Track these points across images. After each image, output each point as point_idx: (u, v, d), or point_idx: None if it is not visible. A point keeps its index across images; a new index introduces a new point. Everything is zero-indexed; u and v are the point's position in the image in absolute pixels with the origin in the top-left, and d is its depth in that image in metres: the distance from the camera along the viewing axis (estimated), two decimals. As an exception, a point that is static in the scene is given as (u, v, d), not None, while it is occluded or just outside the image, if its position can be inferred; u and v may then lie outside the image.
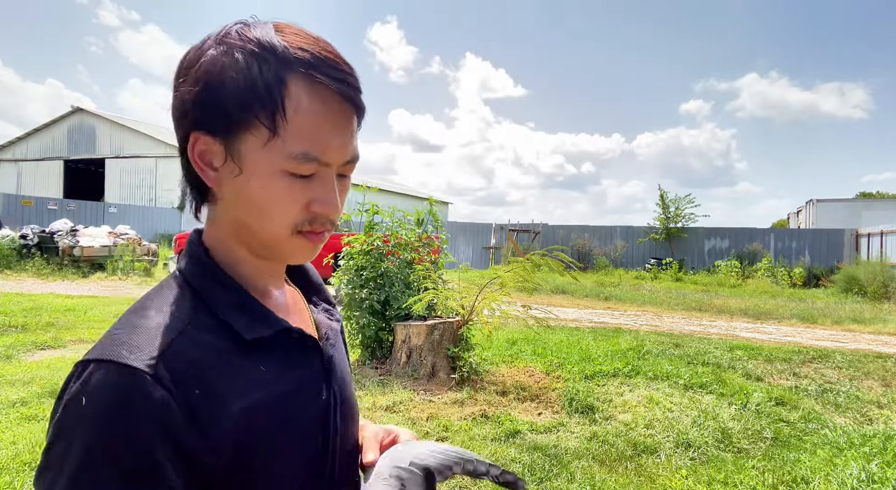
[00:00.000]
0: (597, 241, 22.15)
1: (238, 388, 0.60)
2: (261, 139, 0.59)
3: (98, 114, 26.87)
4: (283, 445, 0.62)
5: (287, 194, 0.61)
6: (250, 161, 0.60)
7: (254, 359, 0.63)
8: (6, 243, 14.22)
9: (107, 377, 0.53)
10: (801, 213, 31.51)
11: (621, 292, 13.82)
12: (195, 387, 0.56)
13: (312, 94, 0.59)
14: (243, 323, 0.63)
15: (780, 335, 8.44)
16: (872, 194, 44.78)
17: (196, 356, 0.58)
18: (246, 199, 0.62)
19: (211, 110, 0.60)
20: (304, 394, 0.67)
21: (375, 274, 5.52)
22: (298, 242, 0.65)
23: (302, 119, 0.59)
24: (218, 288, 0.65)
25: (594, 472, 3.24)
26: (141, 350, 0.56)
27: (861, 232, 18.62)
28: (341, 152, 0.63)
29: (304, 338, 0.69)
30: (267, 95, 0.58)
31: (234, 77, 0.58)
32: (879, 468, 3.19)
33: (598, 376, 5.29)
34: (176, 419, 0.54)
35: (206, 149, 0.62)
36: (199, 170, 0.63)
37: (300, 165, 0.60)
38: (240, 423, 0.58)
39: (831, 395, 4.96)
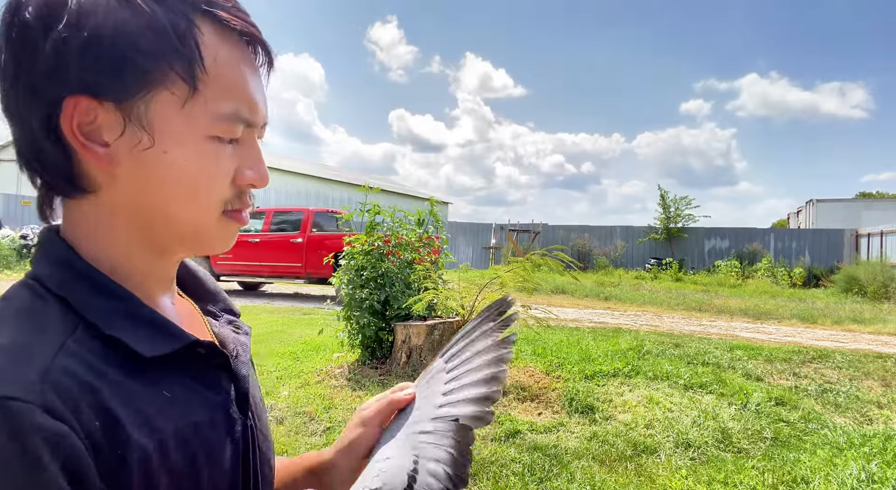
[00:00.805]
0: (597, 241, 22.16)
1: (141, 419, 0.46)
2: (179, 98, 0.47)
3: (98, 114, 26.90)
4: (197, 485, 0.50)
5: (217, 166, 0.50)
6: (166, 128, 0.48)
7: (155, 382, 0.49)
8: (6, 243, 14.23)
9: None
10: (801, 213, 31.53)
11: (621, 292, 13.83)
12: (95, 418, 0.42)
13: (224, 40, 0.49)
14: (139, 336, 0.49)
15: (780, 335, 8.44)
16: (872, 194, 44.80)
17: (85, 377, 0.44)
18: (162, 178, 0.49)
19: (104, 66, 0.45)
20: (219, 423, 0.53)
21: (376, 274, 5.52)
22: (226, 226, 0.54)
23: (223, 70, 0.49)
24: (96, 295, 0.49)
25: (594, 472, 3.24)
26: (13, 374, 0.40)
27: (861, 232, 18.64)
28: (264, 111, 0.54)
29: (214, 354, 0.55)
30: (180, 41, 0.46)
31: (133, 20, 0.45)
32: (879, 468, 3.19)
33: (598, 376, 5.29)
34: (83, 461, 0.40)
35: (87, 119, 0.47)
36: (80, 146, 0.47)
37: (231, 128, 0.50)
38: (149, 465, 0.45)
39: (831, 395, 4.96)
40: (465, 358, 0.67)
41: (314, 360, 5.69)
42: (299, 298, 11.99)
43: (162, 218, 0.51)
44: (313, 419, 3.97)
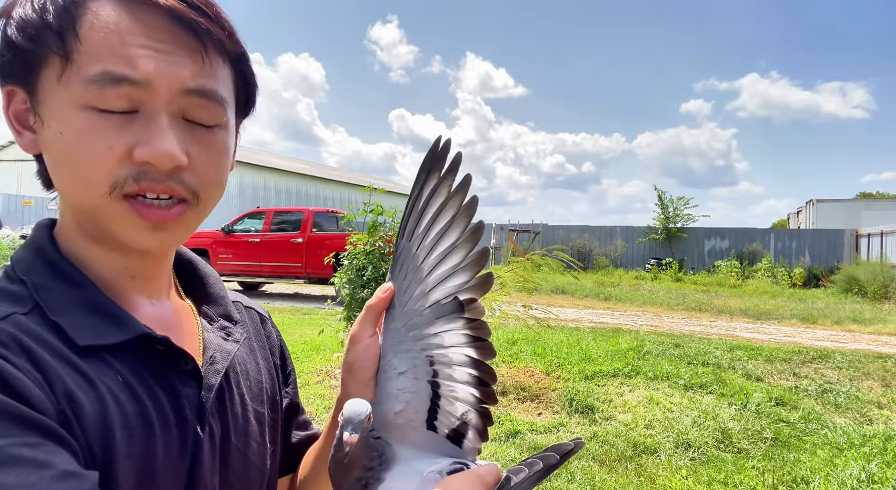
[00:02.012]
0: (597, 241, 22.15)
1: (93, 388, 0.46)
2: (55, 72, 0.46)
3: (98, 114, 26.91)
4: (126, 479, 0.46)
5: (92, 136, 0.46)
6: (49, 104, 0.47)
7: (97, 365, 0.47)
8: (6, 243, 14.22)
9: None
10: (802, 214, 31.53)
11: (621, 292, 13.83)
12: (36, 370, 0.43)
13: (120, 7, 0.47)
14: (80, 324, 0.48)
15: (780, 335, 8.44)
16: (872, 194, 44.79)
17: (28, 341, 0.44)
18: (53, 156, 0.48)
19: (10, 52, 0.47)
20: (163, 424, 0.50)
21: (377, 274, 5.52)
22: (123, 212, 0.48)
23: (99, 34, 0.46)
24: (56, 281, 0.49)
25: (594, 472, 3.24)
26: None
27: (861, 232, 18.63)
28: (166, 67, 0.47)
29: (175, 354, 0.52)
30: (56, 17, 0.46)
31: (21, 6, 0.47)
32: (879, 468, 3.19)
33: (598, 376, 5.29)
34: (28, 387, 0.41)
35: (21, 107, 0.49)
36: (15, 134, 0.50)
37: (103, 92, 0.45)
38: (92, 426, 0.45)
39: (831, 396, 4.96)
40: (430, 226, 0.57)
41: (314, 360, 5.69)
42: (299, 298, 11.99)
43: (69, 202, 0.50)
44: (314, 419, 3.97)
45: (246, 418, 0.60)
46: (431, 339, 0.56)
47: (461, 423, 0.58)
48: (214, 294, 0.65)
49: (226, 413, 0.57)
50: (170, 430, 0.50)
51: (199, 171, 0.50)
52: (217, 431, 0.55)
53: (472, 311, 0.55)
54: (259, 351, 0.68)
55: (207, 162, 0.51)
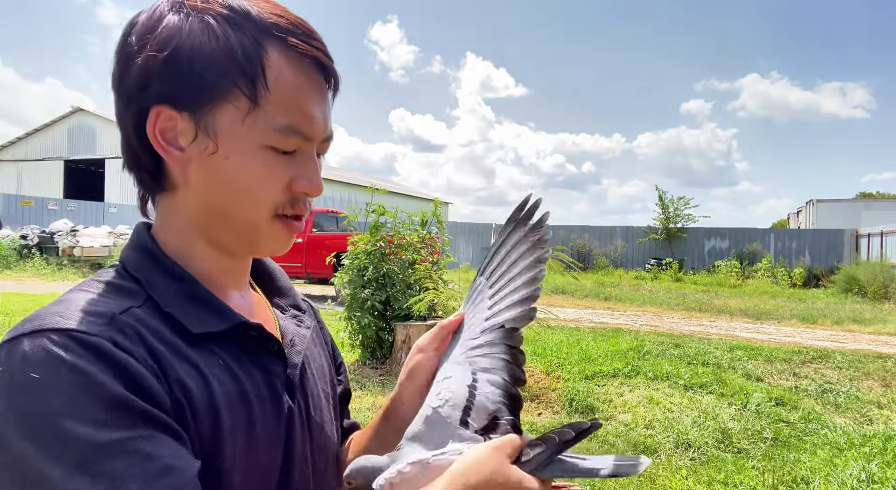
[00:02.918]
0: (597, 241, 22.15)
1: (195, 372, 0.53)
2: (241, 111, 0.54)
3: (98, 114, 26.87)
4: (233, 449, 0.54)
5: (269, 172, 0.56)
6: (228, 136, 0.55)
7: (203, 353, 0.55)
8: (6, 243, 14.23)
9: (46, 346, 0.45)
10: (802, 214, 31.53)
11: (621, 292, 13.83)
12: (153, 360, 0.50)
13: (290, 62, 0.55)
14: (190, 314, 0.56)
15: (780, 335, 8.44)
16: (872, 194, 44.79)
17: (146, 333, 0.51)
18: (222, 181, 0.56)
19: (180, 81, 0.53)
20: (265, 399, 0.59)
21: (377, 274, 5.52)
22: (277, 229, 0.59)
23: (284, 89, 0.55)
24: (165, 278, 0.57)
25: (594, 473, 3.24)
26: (81, 317, 0.48)
27: (861, 232, 18.63)
28: (323, 127, 0.59)
29: (265, 339, 0.61)
30: (247, 62, 0.53)
31: (207, 43, 0.53)
32: (879, 468, 3.20)
33: (598, 376, 5.29)
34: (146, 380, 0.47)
35: (169, 125, 0.55)
36: (160, 149, 0.55)
37: (284, 139, 0.56)
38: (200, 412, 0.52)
39: (831, 396, 4.96)
40: (503, 270, 0.70)
41: (314, 360, 5.69)
42: (299, 298, 11.99)
43: (221, 216, 0.58)
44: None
45: (319, 396, 0.69)
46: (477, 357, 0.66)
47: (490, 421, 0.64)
48: (283, 287, 0.76)
49: (306, 389, 0.66)
50: (265, 403, 0.58)
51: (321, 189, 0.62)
52: (303, 405, 0.64)
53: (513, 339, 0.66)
54: (318, 337, 0.78)
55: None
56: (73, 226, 15.24)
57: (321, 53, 0.57)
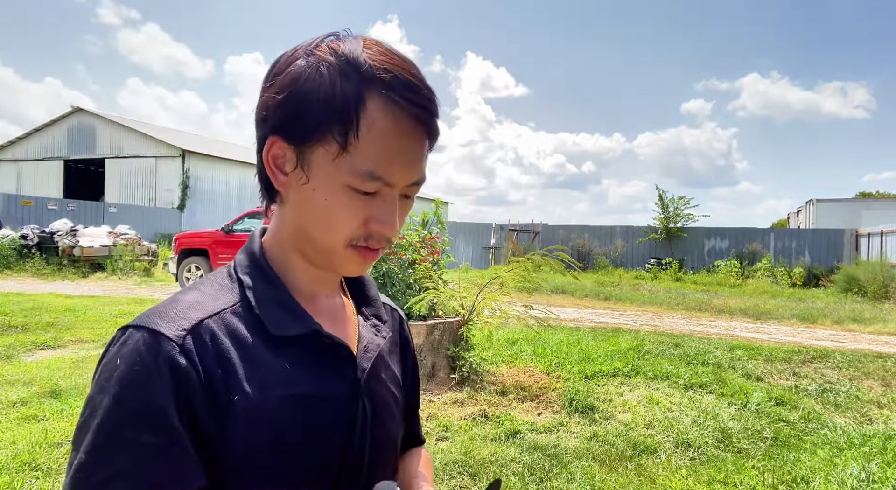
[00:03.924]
0: (597, 241, 22.15)
1: (259, 379, 0.61)
2: (331, 153, 0.61)
3: (98, 114, 26.87)
4: (297, 447, 0.62)
5: (348, 209, 0.62)
6: (318, 172, 0.62)
7: (280, 355, 0.64)
8: (6, 243, 14.22)
9: (139, 341, 0.57)
10: (801, 213, 31.53)
11: (621, 292, 13.82)
12: (219, 366, 0.59)
13: (387, 115, 0.60)
14: (273, 318, 0.65)
15: (780, 335, 8.44)
16: (872, 194, 44.78)
17: (224, 338, 0.61)
18: (309, 208, 0.64)
19: (290, 118, 0.61)
20: (328, 400, 0.66)
21: (377, 274, 5.52)
22: (351, 256, 0.66)
23: (373, 138, 0.60)
24: (261, 282, 0.67)
25: (594, 472, 3.24)
26: (173, 321, 0.60)
27: (861, 232, 18.63)
28: (407, 174, 0.63)
29: (336, 345, 0.68)
30: (343, 112, 0.59)
31: (315, 90, 0.60)
32: (879, 468, 3.20)
33: (598, 376, 5.29)
34: (196, 393, 0.57)
35: (279, 153, 0.64)
36: (269, 172, 0.65)
37: (364, 183, 0.61)
38: (256, 415, 0.59)
39: (831, 395, 4.96)
40: None
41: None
42: (299, 298, 11.98)
43: (306, 236, 0.67)
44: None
45: (387, 401, 0.74)
46: None
47: None
48: (371, 296, 0.83)
49: (374, 394, 0.71)
50: (330, 401, 0.66)
51: (397, 231, 0.66)
52: (368, 408, 0.69)
53: None
54: (397, 347, 0.84)
55: (402, 224, 0.68)
56: (73, 226, 15.23)
57: (420, 109, 0.61)
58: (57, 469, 3.03)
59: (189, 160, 25.54)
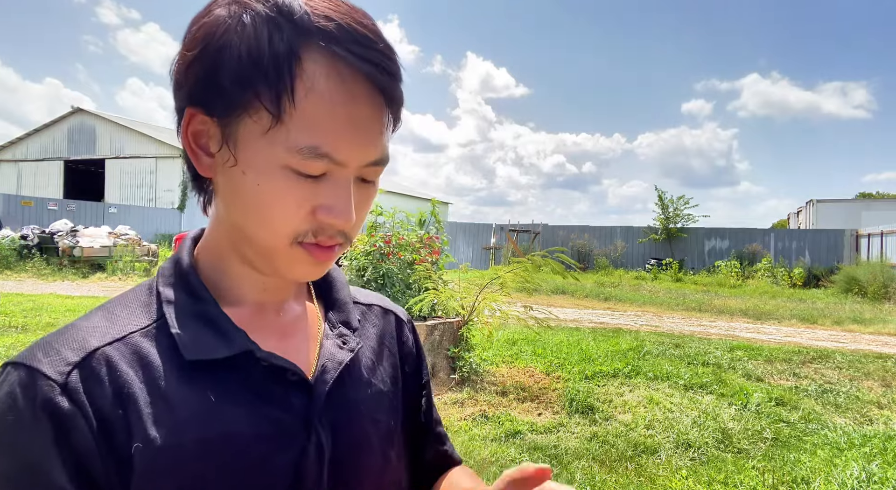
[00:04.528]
0: (597, 242, 22.15)
1: (171, 419, 0.48)
2: (261, 125, 0.48)
3: (98, 114, 26.89)
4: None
5: (287, 196, 0.49)
6: (247, 150, 0.49)
7: (202, 386, 0.51)
8: (6, 243, 14.22)
9: (14, 383, 0.46)
10: (802, 214, 31.53)
11: (621, 292, 13.82)
12: (119, 406, 0.47)
13: (331, 75, 0.47)
14: (192, 340, 0.52)
15: (780, 335, 8.44)
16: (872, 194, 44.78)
17: (126, 369, 0.49)
18: (240, 197, 0.51)
19: (206, 83, 0.48)
20: (265, 440, 0.52)
21: (377, 274, 5.52)
22: (298, 256, 0.52)
23: (314, 104, 0.47)
24: (183, 295, 0.55)
25: (594, 473, 3.24)
26: (58, 353, 0.48)
27: (861, 232, 18.63)
28: (361, 151, 0.50)
29: (278, 368, 0.54)
30: (273, 72, 0.46)
31: (236, 44, 0.47)
32: (880, 468, 3.20)
33: (598, 376, 5.29)
34: (85, 442, 0.45)
35: (201, 129, 0.51)
36: (191, 153, 0.52)
37: (306, 162, 0.48)
38: (164, 466, 0.47)
39: (831, 396, 4.96)
40: None
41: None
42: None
43: (241, 233, 0.54)
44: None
45: (363, 430, 0.59)
46: None
47: None
48: (339, 299, 0.66)
49: (337, 424, 0.57)
50: (269, 441, 0.52)
51: (357, 222, 0.53)
52: (326, 440, 0.55)
53: None
54: (387, 358, 0.68)
55: (362, 213, 0.54)
56: (73, 226, 15.24)
57: (374, 67, 0.48)
58: (57, 469, 3.04)
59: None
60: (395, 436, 0.64)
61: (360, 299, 0.70)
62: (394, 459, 0.63)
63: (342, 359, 0.60)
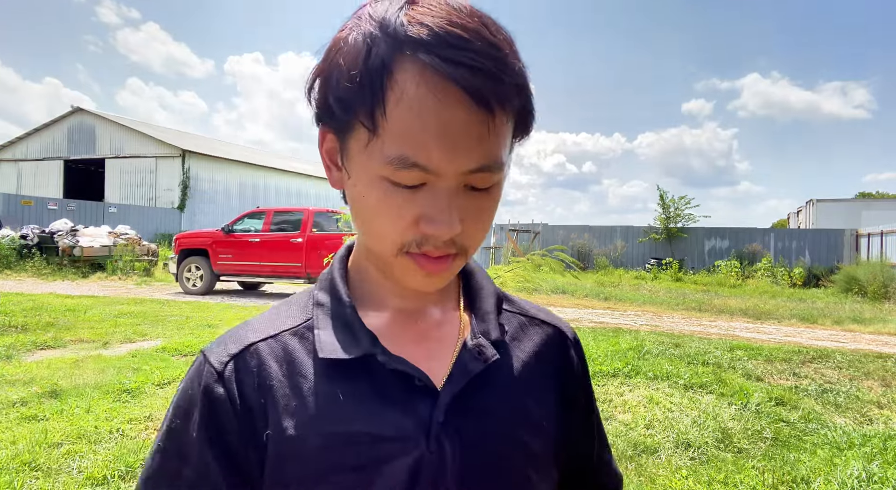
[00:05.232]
0: (597, 241, 22.15)
1: (302, 412, 0.53)
2: (363, 139, 0.50)
3: (98, 114, 26.88)
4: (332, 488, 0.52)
5: (387, 206, 0.50)
6: (355, 164, 0.52)
7: (335, 384, 0.54)
8: (6, 243, 14.22)
9: (198, 364, 0.57)
10: (802, 213, 31.54)
11: (621, 292, 13.82)
12: (260, 395, 0.54)
13: (421, 83, 0.46)
14: (328, 340, 0.56)
15: (780, 335, 8.44)
16: (872, 194, 44.76)
17: (272, 364, 0.56)
18: (355, 208, 0.54)
19: (323, 103, 0.52)
20: (387, 441, 0.53)
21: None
22: (407, 265, 0.53)
23: (403, 115, 0.47)
24: (329, 298, 0.60)
25: (594, 472, 3.24)
26: (225, 346, 0.57)
27: (861, 232, 18.63)
28: (456, 158, 0.48)
29: (403, 373, 0.55)
30: (368, 88, 0.47)
31: (341, 65, 0.49)
32: (880, 468, 3.19)
33: (598, 376, 5.28)
34: (230, 426, 0.53)
35: (332, 146, 0.55)
36: (325, 168, 0.57)
37: (399, 173, 0.48)
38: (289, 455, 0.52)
39: (831, 395, 4.96)
40: None
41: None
42: (299, 298, 11.97)
43: (364, 242, 0.58)
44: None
45: (495, 442, 0.58)
46: None
47: None
48: (482, 309, 0.64)
49: (465, 432, 0.56)
50: (389, 443, 0.53)
51: (470, 232, 0.53)
52: (451, 449, 0.54)
53: None
54: (541, 375, 0.64)
55: (477, 223, 0.53)
56: (73, 226, 15.24)
57: (469, 70, 0.45)
58: (57, 469, 3.03)
59: (189, 160, 25.54)
60: (543, 457, 0.61)
61: (522, 311, 0.68)
62: (535, 481, 0.60)
63: (473, 369, 0.58)
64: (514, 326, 0.65)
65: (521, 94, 0.50)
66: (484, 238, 0.56)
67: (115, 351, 6.03)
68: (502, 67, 0.47)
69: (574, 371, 0.68)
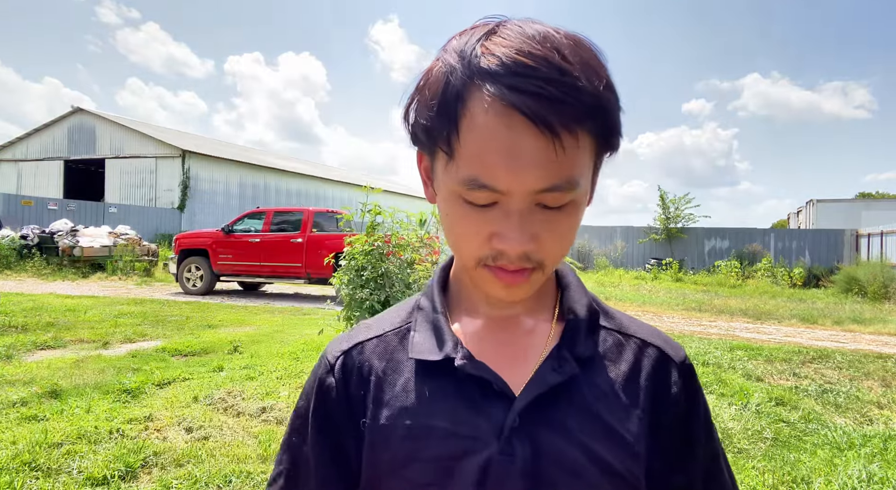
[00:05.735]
0: (597, 242, 22.15)
1: (393, 405, 0.61)
2: (443, 161, 0.55)
3: (98, 114, 26.87)
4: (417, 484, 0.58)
5: (465, 223, 0.55)
6: (440, 182, 0.57)
7: (424, 382, 0.61)
8: (6, 243, 14.22)
9: (318, 360, 0.67)
10: (802, 214, 31.53)
11: (621, 292, 13.82)
12: (361, 387, 0.63)
13: (489, 111, 0.50)
14: (419, 341, 0.63)
15: (780, 335, 8.43)
16: (872, 194, 44.76)
17: (374, 360, 0.64)
18: (443, 223, 0.60)
19: (413, 128, 0.57)
20: (462, 439, 0.57)
21: (376, 274, 5.51)
22: (486, 277, 0.57)
23: (473, 140, 0.51)
24: (427, 303, 0.67)
25: (594, 473, 3.24)
26: (339, 344, 0.67)
27: (861, 232, 18.63)
28: (523, 180, 0.51)
29: (479, 378, 0.59)
30: (445, 116, 0.52)
31: (426, 94, 0.54)
32: (880, 468, 3.19)
33: (598, 376, 5.28)
34: (335, 412, 0.63)
35: (426, 165, 0.61)
36: (423, 183, 0.63)
37: (471, 193, 0.53)
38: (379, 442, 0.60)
39: (831, 396, 4.96)
40: None
41: (314, 360, 5.68)
42: (299, 298, 11.98)
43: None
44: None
45: (572, 454, 0.58)
46: None
47: None
48: (573, 323, 0.64)
49: (537, 440, 0.57)
50: (465, 439, 0.58)
51: (545, 248, 0.55)
52: (520, 454, 0.56)
53: None
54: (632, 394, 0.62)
55: (552, 240, 0.55)
56: (73, 226, 15.24)
57: (527, 95, 0.48)
58: (57, 469, 3.03)
59: (189, 160, 25.54)
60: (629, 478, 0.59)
61: (620, 328, 0.67)
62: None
63: (551, 381, 0.59)
64: (608, 344, 0.65)
65: (597, 113, 0.51)
66: (564, 253, 0.59)
67: (115, 351, 6.03)
68: (568, 91, 0.49)
69: (674, 396, 0.63)
